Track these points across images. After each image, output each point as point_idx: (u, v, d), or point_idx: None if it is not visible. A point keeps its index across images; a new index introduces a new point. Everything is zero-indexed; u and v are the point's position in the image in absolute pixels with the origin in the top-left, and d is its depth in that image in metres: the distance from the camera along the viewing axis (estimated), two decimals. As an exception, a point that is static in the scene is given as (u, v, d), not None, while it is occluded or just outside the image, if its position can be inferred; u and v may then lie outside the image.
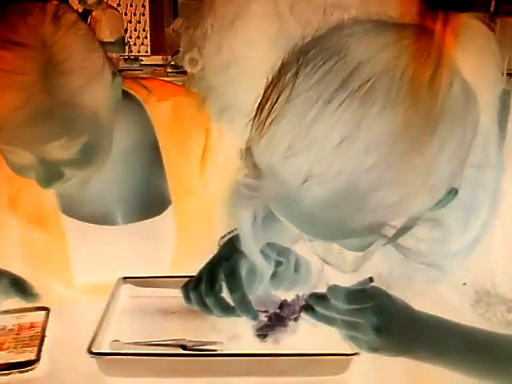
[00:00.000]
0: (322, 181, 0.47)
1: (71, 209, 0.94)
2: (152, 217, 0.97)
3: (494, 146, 0.56)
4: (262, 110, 0.51)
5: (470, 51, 0.51)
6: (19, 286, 0.79)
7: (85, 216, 0.95)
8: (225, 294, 0.74)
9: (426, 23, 0.51)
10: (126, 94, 0.86)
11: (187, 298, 0.77)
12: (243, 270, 0.75)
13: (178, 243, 0.98)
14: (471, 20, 0.53)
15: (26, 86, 0.68)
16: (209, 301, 0.74)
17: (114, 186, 0.94)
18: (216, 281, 0.74)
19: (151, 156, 0.96)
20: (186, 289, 0.77)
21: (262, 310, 0.75)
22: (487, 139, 0.54)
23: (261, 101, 0.52)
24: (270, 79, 0.52)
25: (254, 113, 0.52)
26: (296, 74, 0.49)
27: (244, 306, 0.73)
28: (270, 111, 0.50)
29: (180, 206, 0.97)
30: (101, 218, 0.95)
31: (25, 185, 0.82)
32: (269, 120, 0.49)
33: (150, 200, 0.97)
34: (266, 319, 0.75)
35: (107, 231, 0.96)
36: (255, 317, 0.73)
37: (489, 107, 0.52)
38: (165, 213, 0.97)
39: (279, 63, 0.52)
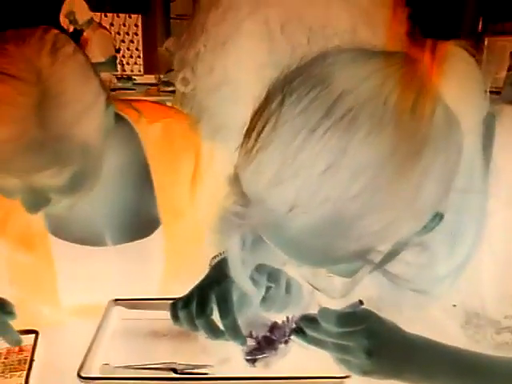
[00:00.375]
0: (307, 209, 0.48)
1: (60, 230, 0.94)
2: (141, 238, 0.96)
3: (479, 171, 0.57)
4: (249, 137, 0.52)
5: (453, 78, 0.52)
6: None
7: (74, 237, 0.94)
8: (215, 316, 0.74)
9: (411, 51, 0.52)
10: (116, 115, 0.86)
11: (175, 316, 0.77)
12: (235, 295, 0.75)
13: (168, 265, 0.98)
14: (454, 47, 0.54)
15: (19, 119, 0.68)
16: (199, 322, 0.74)
17: (103, 206, 0.94)
18: (207, 303, 0.74)
19: (141, 177, 0.96)
20: (174, 308, 0.77)
21: (252, 333, 0.75)
22: (471, 164, 0.55)
23: (248, 128, 0.53)
24: (256, 107, 0.53)
25: (241, 140, 0.53)
26: (281, 102, 0.50)
27: (233, 332, 0.73)
28: (256, 139, 0.50)
29: (170, 227, 0.97)
30: (90, 239, 0.95)
31: (13, 206, 0.81)
32: (255, 148, 0.50)
33: (140, 221, 0.97)
34: (254, 343, 0.75)
35: (96, 252, 0.96)
36: (243, 342, 0.74)
37: (472, 132, 0.53)
38: (154, 234, 0.97)
39: (265, 92, 0.53)
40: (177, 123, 0.98)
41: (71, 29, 4.56)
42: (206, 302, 0.74)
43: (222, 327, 0.73)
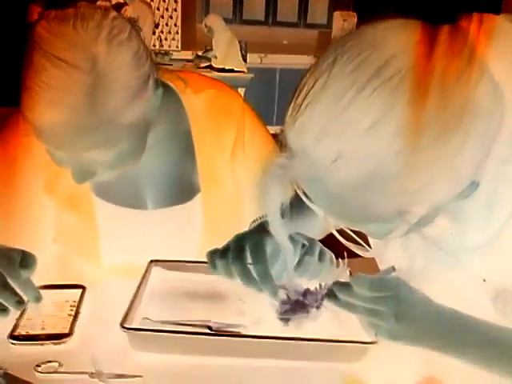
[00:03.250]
0: (350, 162, 0.51)
1: (104, 192, 0.98)
2: (181, 203, 1.00)
3: None
4: (299, 94, 0.54)
5: (501, 52, 0.53)
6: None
7: (117, 200, 0.99)
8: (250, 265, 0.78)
9: (460, 23, 0.53)
10: (163, 84, 0.89)
11: (213, 265, 0.80)
12: (268, 247, 0.78)
13: (205, 230, 1.02)
14: (504, 22, 0.55)
15: (73, 105, 0.72)
16: (235, 268, 0.78)
17: (146, 172, 0.98)
18: (243, 250, 0.78)
19: (184, 145, 0.99)
20: (212, 256, 0.81)
21: (286, 295, 0.78)
22: None
23: (299, 86, 0.55)
24: (307, 68, 0.55)
25: (291, 99, 0.55)
26: (333, 62, 0.53)
27: (265, 280, 0.76)
28: (306, 95, 0.53)
29: (209, 194, 1.01)
30: (132, 202, 0.99)
31: (62, 169, 0.86)
32: (304, 103, 0.53)
33: (180, 187, 1.00)
34: (288, 305, 0.78)
35: (137, 215, 1.00)
36: (275, 292, 0.77)
37: None
38: (193, 200, 1.00)
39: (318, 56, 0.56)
40: (221, 94, 1.01)
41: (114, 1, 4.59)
42: (241, 250, 0.78)
43: (254, 274, 0.77)
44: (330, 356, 0.76)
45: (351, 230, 0.64)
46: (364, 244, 0.64)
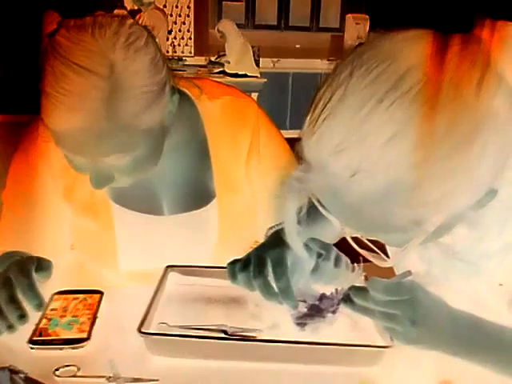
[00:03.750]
0: (370, 175, 0.51)
1: (122, 198, 0.99)
2: (196, 209, 1.01)
3: None
4: (316, 107, 0.55)
5: None
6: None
7: (134, 205, 1.00)
8: (271, 278, 0.78)
9: (475, 31, 0.53)
10: (178, 91, 0.90)
11: (233, 276, 0.81)
12: (289, 261, 0.79)
13: (221, 235, 1.02)
14: None
15: (91, 111, 0.73)
16: (256, 283, 0.78)
17: (162, 178, 0.99)
18: (265, 265, 0.78)
19: (200, 151, 1.00)
20: (233, 267, 0.81)
21: (303, 300, 0.79)
22: None
23: (315, 99, 0.55)
24: (323, 79, 0.56)
25: (308, 110, 0.56)
26: (350, 74, 0.52)
27: (287, 294, 0.76)
28: (323, 109, 0.53)
29: (224, 200, 1.01)
30: (148, 208, 1.00)
31: (79, 175, 0.87)
32: (322, 116, 0.53)
33: (196, 193, 1.01)
34: (305, 309, 0.78)
35: (154, 221, 1.01)
36: (295, 306, 0.77)
37: None
38: (209, 206, 1.01)
39: (333, 65, 0.56)
40: (235, 101, 1.02)
41: (129, 7, 4.63)
42: (263, 264, 0.78)
43: (276, 289, 0.77)
44: (346, 360, 0.77)
45: (367, 239, 0.64)
46: (380, 253, 0.64)
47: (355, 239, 0.65)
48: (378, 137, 0.50)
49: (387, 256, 0.64)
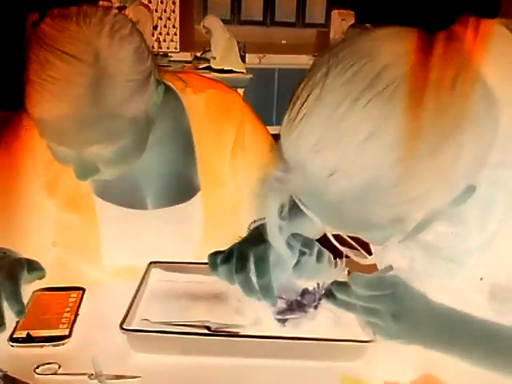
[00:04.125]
0: (347, 175, 0.50)
1: (105, 192, 0.99)
2: (181, 202, 1.00)
3: None
4: (293, 107, 0.54)
5: (496, 57, 0.53)
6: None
7: (117, 199, 0.99)
8: (252, 274, 0.78)
9: (455, 28, 0.53)
10: (163, 84, 0.90)
11: (214, 267, 0.81)
12: (271, 258, 0.79)
13: (205, 229, 1.02)
14: (499, 27, 0.56)
15: (76, 97, 0.73)
16: (238, 278, 0.78)
17: (146, 171, 0.98)
18: (247, 261, 0.78)
19: (184, 145, 1.00)
20: (214, 258, 0.81)
21: (284, 296, 0.79)
22: (507, 139, 0.56)
23: (293, 98, 0.55)
24: (300, 79, 0.55)
25: (286, 109, 0.55)
26: (326, 73, 0.52)
27: (266, 291, 0.77)
28: (300, 108, 0.53)
29: (209, 194, 1.01)
30: (132, 202, 1.00)
31: (63, 169, 0.87)
32: (299, 116, 0.53)
33: (180, 187, 1.01)
34: (286, 305, 0.78)
35: (137, 215, 1.00)
36: (274, 303, 0.78)
37: (509, 107, 0.55)
38: (193, 199, 1.01)
39: (310, 65, 0.56)
40: (220, 94, 1.02)
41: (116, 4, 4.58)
42: (246, 259, 0.78)
43: (256, 286, 0.77)
44: (329, 355, 0.77)
45: (349, 237, 0.64)
46: (361, 250, 0.64)
47: (336, 236, 0.65)
48: (355, 136, 0.49)
49: (370, 253, 0.64)
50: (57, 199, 0.98)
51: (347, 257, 0.75)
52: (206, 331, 0.78)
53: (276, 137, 0.59)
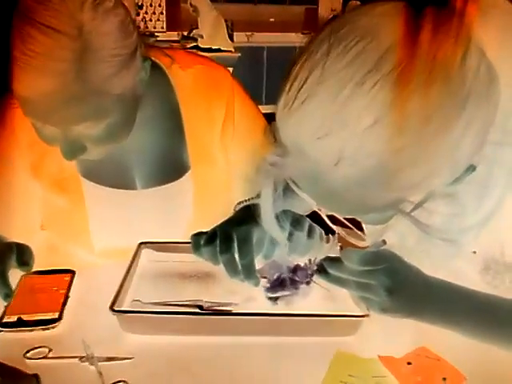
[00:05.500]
0: (353, 162, 0.48)
1: (92, 173, 0.97)
2: (171, 182, 0.99)
3: None
4: (291, 87, 0.51)
5: (494, 30, 0.51)
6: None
7: (105, 180, 0.97)
8: (236, 255, 0.78)
9: (452, 2, 0.51)
10: (149, 60, 0.87)
11: (197, 248, 0.80)
12: (254, 238, 0.78)
13: (196, 208, 1.01)
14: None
15: (60, 73, 0.71)
16: (222, 259, 0.77)
17: (134, 151, 0.96)
18: (231, 241, 0.77)
19: (173, 122, 0.98)
20: (197, 239, 0.81)
21: (275, 273, 0.78)
22: (506, 117, 0.55)
23: (288, 78, 0.52)
24: (296, 56, 0.52)
25: (281, 90, 0.52)
26: (327, 52, 0.49)
27: (248, 273, 0.77)
28: (299, 90, 0.50)
29: (199, 172, 0.99)
30: (120, 183, 0.98)
31: (48, 150, 0.85)
32: (299, 99, 0.50)
33: (170, 166, 0.99)
34: (277, 282, 0.78)
35: (126, 195, 0.99)
36: (256, 283, 0.78)
37: (509, 87, 0.53)
38: (183, 178, 0.99)
39: (306, 41, 0.52)
40: (209, 70, 0.99)
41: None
42: (230, 240, 0.77)
43: (239, 267, 0.77)
44: (323, 331, 0.76)
45: (344, 218, 0.63)
46: (356, 230, 0.63)
47: (330, 217, 0.64)
48: (360, 122, 0.47)
49: (362, 231, 0.63)
50: (42, 181, 0.96)
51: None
52: (198, 310, 0.77)
53: (266, 116, 0.57)
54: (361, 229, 0.67)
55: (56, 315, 0.79)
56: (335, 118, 0.48)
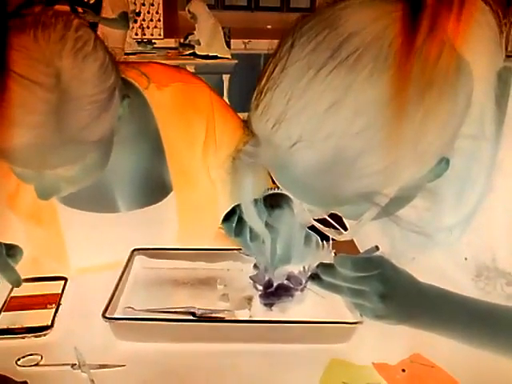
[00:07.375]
0: (311, 144, 0.50)
1: (71, 199, 0.91)
2: (154, 203, 0.97)
3: (491, 119, 0.57)
4: (260, 81, 0.54)
5: (465, 24, 0.52)
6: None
7: (87, 205, 0.95)
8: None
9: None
10: (125, 82, 0.85)
11: (230, 231, 0.81)
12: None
13: (181, 229, 0.99)
14: None
15: (37, 125, 0.67)
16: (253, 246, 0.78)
17: (114, 174, 0.94)
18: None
19: (153, 143, 0.95)
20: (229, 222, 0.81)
21: (270, 280, 0.78)
22: (482, 112, 0.55)
23: (261, 72, 0.55)
24: (269, 53, 0.55)
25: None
26: (291, 45, 0.52)
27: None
28: (267, 80, 0.53)
29: (182, 192, 0.98)
30: (101, 206, 0.96)
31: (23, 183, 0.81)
32: (265, 89, 0.53)
33: (152, 187, 0.97)
34: (272, 289, 0.77)
35: (107, 219, 0.96)
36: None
37: (484, 81, 0.54)
38: (166, 199, 0.97)
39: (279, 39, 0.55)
40: (186, 87, 0.97)
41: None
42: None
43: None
44: (317, 338, 0.76)
45: (328, 215, 0.64)
46: (337, 225, 0.63)
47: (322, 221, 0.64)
48: (318, 105, 0.49)
49: (345, 229, 0.63)
50: (18, 212, 0.94)
51: (333, 239, 0.74)
52: (191, 317, 0.77)
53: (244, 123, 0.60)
54: (344, 228, 0.67)
55: (48, 322, 0.78)
56: (295, 103, 0.50)
